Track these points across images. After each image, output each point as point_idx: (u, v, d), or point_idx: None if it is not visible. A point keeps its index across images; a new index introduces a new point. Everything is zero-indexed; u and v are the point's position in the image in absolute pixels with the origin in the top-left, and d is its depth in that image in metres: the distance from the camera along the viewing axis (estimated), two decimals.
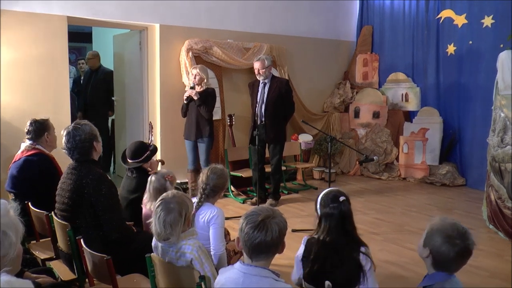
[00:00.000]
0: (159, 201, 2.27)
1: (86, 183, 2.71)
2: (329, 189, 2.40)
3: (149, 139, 4.50)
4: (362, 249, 2.28)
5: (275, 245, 1.79)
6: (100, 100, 6.76)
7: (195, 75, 5.22)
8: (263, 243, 1.75)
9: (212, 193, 2.81)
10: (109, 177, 2.89)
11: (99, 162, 3.02)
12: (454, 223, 1.89)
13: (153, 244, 2.37)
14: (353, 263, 2.23)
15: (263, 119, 5.28)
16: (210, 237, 2.69)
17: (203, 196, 2.80)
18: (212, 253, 2.67)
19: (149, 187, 3.14)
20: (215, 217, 2.72)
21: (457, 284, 1.90)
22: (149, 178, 3.18)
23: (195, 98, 5.14)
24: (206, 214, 2.74)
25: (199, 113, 5.20)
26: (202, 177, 2.85)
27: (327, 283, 2.17)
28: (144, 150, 3.55)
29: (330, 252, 2.22)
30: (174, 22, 5.78)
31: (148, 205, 3.12)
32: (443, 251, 1.83)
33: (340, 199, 2.28)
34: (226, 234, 3.18)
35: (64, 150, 2.83)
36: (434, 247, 1.86)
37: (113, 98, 6.75)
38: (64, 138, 2.81)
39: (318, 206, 2.32)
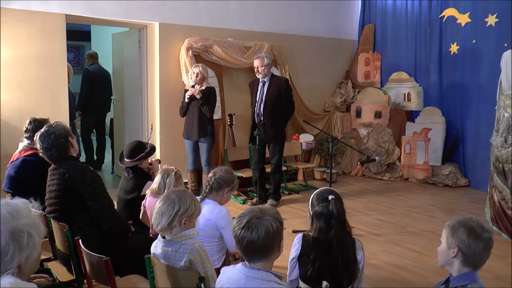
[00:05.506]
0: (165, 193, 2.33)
1: (69, 177, 2.73)
2: (321, 188, 2.39)
3: (147, 139, 4.44)
4: (357, 245, 2.28)
5: (266, 246, 1.75)
6: (92, 99, 6.76)
7: (197, 73, 5.13)
8: (250, 244, 1.73)
9: (217, 185, 2.82)
10: (91, 168, 2.88)
11: (78, 158, 3.04)
12: (469, 217, 1.92)
13: (153, 245, 2.33)
14: (349, 261, 2.22)
15: (262, 118, 5.23)
16: (225, 239, 2.74)
17: (207, 187, 2.84)
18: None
19: (162, 179, 3.08)
20: (225, 218, 2.73)
21: None
22: (160, 170, 3.15)
23: (198, 97, 5.07)
24: (211, 213, 2.74)
25: (201, 112, 5.13)
26: (211, 173, 2.90)
27: (324, 283, 2.15)
28: (141, 150, 3.49)
29: (325, 252, 2.20)
30: (174, 21, 5.73)
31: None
32: (471, 244, 1.82)
33: (329, 197, 2.24)
34: None
35: (41, 154, 2.83)
36: (461, 241, 1.84)
37: (111, 97, 6.71)
38: (38, 142, 2.80)
39: (310, 205, 2.33)
